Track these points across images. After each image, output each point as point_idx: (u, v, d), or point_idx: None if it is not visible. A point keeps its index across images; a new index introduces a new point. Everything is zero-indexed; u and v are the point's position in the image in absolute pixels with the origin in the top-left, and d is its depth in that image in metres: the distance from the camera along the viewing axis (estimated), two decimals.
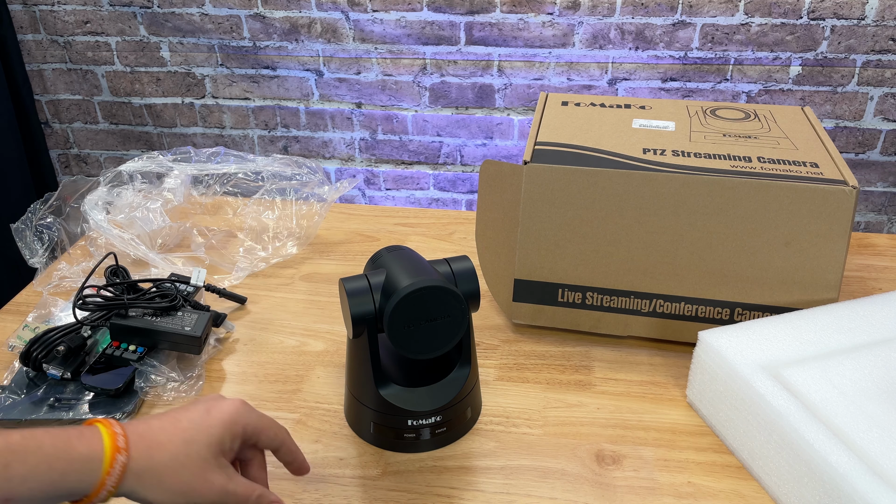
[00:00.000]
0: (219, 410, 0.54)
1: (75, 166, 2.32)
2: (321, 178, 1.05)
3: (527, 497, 0.66)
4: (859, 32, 1.79)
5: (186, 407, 0.55)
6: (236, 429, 0.55)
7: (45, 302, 0.90)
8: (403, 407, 0.69)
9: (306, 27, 1.96)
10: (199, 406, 0.55)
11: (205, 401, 0.56)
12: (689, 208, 0.78)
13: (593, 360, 0.83)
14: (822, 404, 0.63)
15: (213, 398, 0.56)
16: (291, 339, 0.87)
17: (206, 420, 0.53)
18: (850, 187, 0.75)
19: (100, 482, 0.47)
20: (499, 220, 0.86)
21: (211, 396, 0.57)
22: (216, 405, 0.55)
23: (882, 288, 0.95)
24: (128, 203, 1.00)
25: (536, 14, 1.86)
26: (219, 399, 0.56)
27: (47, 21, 2.06)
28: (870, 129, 1.91)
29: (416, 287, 0.63)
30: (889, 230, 2.05)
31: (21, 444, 0.45)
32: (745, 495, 0.66)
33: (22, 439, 0.45)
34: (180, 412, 0.54)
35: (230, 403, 0.56)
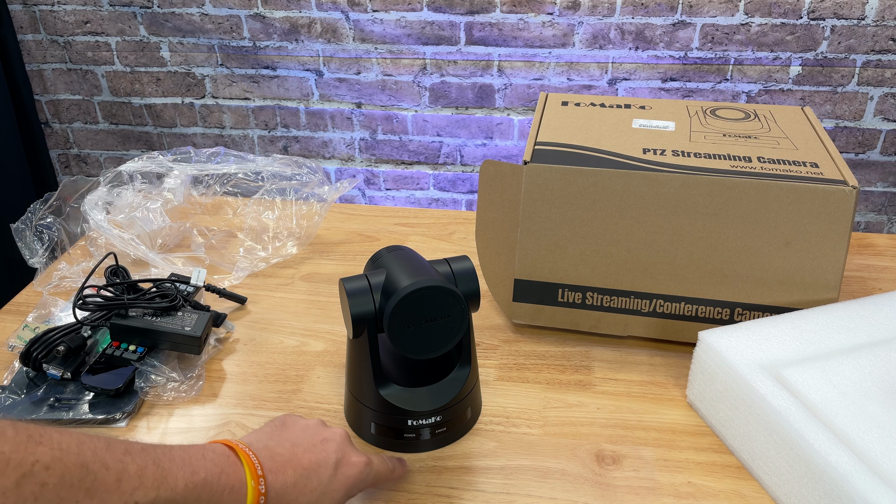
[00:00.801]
0: (345, 475, 0.56)
1: (75, 166, 2.32)
2: (321, 178, 1.05)
3: (527, 497, 0.66)
4: (859, 32, 1.79)
5: (318, 454, 0.56)
6: (354, 492, 0.58)
7: (45, 302, 0.90)
8: (403, 407, 0.69)
9: (306, 27, 1.96)
10: (329, 461, 0.56)
11: (335, 449, 0.57)
12: (689, 208, 0.78)
13: (593, 360, 0.83)
14: (822, 404, 0.63)
15: (343, 447, 0.58)
16: (291, 339, 0.87)
17: (332, 483, 0.55)
18: (850, 187, 0.75)
19: None
20: (499, 220, 0.86)
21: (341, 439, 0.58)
22: (345, 467, 0.57)
23: (882, 288, 0.95)
24: (128, 203, 1.00)
25: (536, 14, 1.86)
26: (348, 451, 0.58)
27: (47, 21, 2.06)
28: (870, 129, 1.91)
29: (416, 287, 0.63)
30: (889, 230, 2.05)
31: (183, 496, 0.46)
32: (745, 495, 0.66)
33: (185, 490, 0.47)
34: (311, 464, 0.55)
35: (356, 468, 0.57)
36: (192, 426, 0.74)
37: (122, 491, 0.43)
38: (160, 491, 0.45)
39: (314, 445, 0.56)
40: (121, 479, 0.43)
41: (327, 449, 0.57)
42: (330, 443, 0.57)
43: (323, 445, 0.57)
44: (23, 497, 0.40)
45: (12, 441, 0.40)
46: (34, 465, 0.40)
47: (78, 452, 0.43)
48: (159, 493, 0.45)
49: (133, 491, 0.44)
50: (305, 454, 0.55)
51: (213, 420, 0.75)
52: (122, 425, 0.74)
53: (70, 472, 0.42)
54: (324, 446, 0.57)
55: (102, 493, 0.42)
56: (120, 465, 0.44)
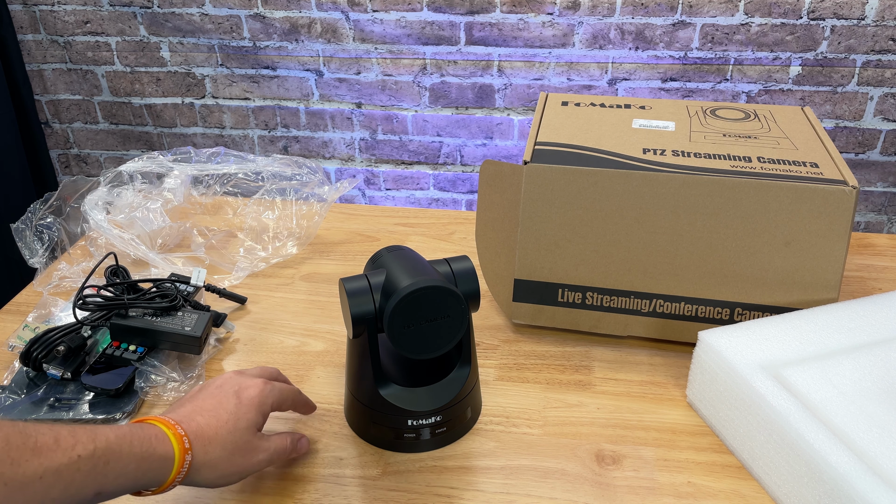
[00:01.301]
0: (248, 396, 0.63)
1: (75, 166, 2.32)
2: (321, 178, 1.05)
3: (527, 497, 0.66)
4: (859, 32, 1.79)
5: (217, 396, 0.62)
6: (265, 408, 0.64)
7: (45, 302, 0.90)
8: (403, 407, 0.69)
9: (306, 27, 1.96)
10: (227, 392, 0.63)
11: (230, 383, 0.64)
12: (689, 208, 0.78)
13: (593, 360, 0.83)
14: (822, 404, 0.63)
15: (236, 380, 0.64)
16: (291, 339, 0.87)
17: (240, 408, 0.62)
18: (850, 187, 0.75)
19: (171, 478, 0.56)
20: (499, 220, 0.86)
21: (232, 378, 0.65)
22: (244, 391, 0.63)
23: (882, 288, 0.95)
24: (128, 203, 1.00)
25: (536, 14, 1.86)
26: (242, 380, 0.65)
27: (47, 21, 2.06)
28: (870, 129, 1.91)
29: (416, 287, 0.63)
30: (889, 230, 2.05)
31: (117, 444, 0.52)
32: (745, 495, 0.66)
33: (116, 439, 0.52)
34: (214, 404, 0.61)
35: (255, 387, 0.64)
36: None
37: (62, 448, 0.49)
38: (97, 443, 0.51)
39: (211, 394, 0.63)
40: (58, 439, 0.49)
41: (223, 388, 0.63)
42: (223, 385, 0.64)
43: (218, 389, 0.63)
44: None
45: None
46: None
47: (12, 424, 0.49)
48: (96, 444, 0.51)
49: (72, 447, 0.49)
50: (206, 401, 0.62)
51: None
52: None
53: (13, 437, 0.47)
54: (219, 389, 0.63)
55: (46, 452, 0.48)
56: (53, 431, 0.50)
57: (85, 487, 0.50)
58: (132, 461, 0.53)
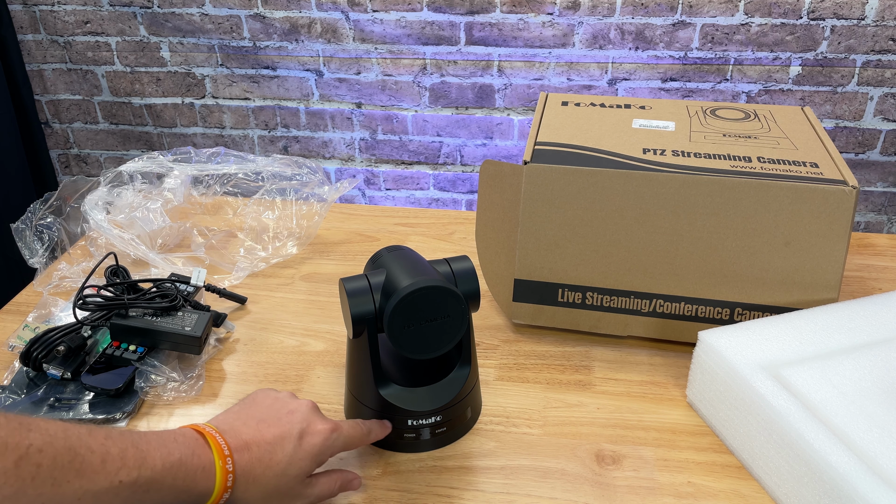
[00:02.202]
0: (310, 444, 0.59)
1: (75, 166, 2.32)
2: (321, 179, 1.05)
3: (527, 497, 0.66)
4: (859, 32, 1.79)
5: (282, 427, 0.58)
6: (322, 458, 0.60)
7: (45, 302, 0.90)
8: (403, 407, 0.69)
9: (306, 27, 1.96)
10: (293, 430, 0.58)
11: (300, 417, 0.60)
12: (689, 208, 0.78)
13: (593, 360, 0.83)
14: (822, 404, 0.63)
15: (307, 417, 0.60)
16: (291, 339, 0.87)
17: (297, 453, 0.58)
18: (850, 187, 0.75)
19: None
20: (499, 220, 0.86)
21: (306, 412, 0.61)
22: (308, 436, 0.59)
23: (882, 288, 0.95)
24: (128, 203, 1.00)
25: (536, 14, 1.86)
26: (311, 421, 0.60)
27: (47, 21, 2.06)
28: (870, 129, 1.91)
29: (416, 287, 0.63)
30: (889, 230, 2.05)
31: (161, 476, 0.50)
32: (745, 495, 0.66)
33: (163, 470, 0.50)
34: (275, 438, 0.57)
35: (320, 436, 0.60)
36: None
37: (107, 471, 0.47)
38: (141, 471, 0.49)
39: (279, 419, 0.59)
40: (105, 460, 0.47)
41: (292, 421, 0.59)
42: (295, 414, 0.60)
43: (288, 418, 0.59)
44: (21, 477, 0.44)
45: (6, 427, 0.44)
46: (28, 448, 0.44)
47: (65, 438, 0.47)
48: (140, 472, 0.49)
49: (117, 471, 0.48)
50: (269, 429, 0.58)
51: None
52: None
53: (60, 455, 0.46)
54: (289, 418, 0.59)
55: (90, 473, 0.46)
56: (103, 449, 0.48)
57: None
58: (171, 494, 0.51)
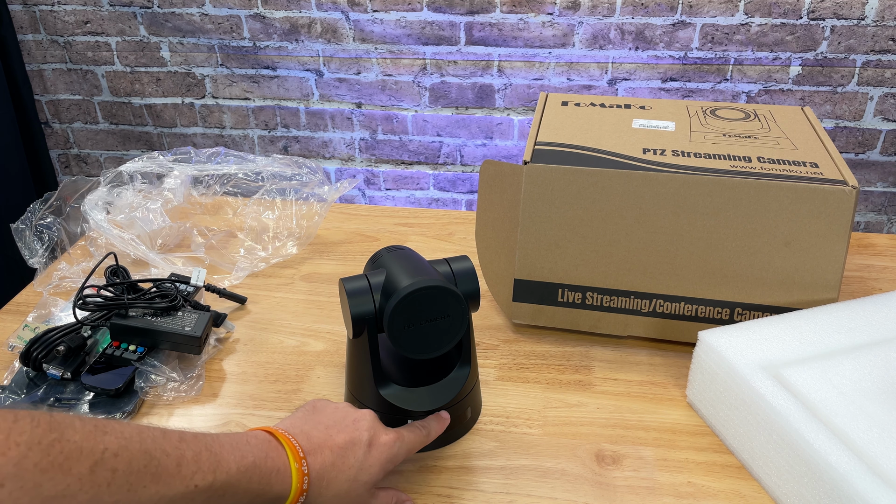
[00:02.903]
0: (378, 451, 0.59)
1: (75, 166, 2.32)
2: (321, 179, 1.05)
3: (527, 497, 0.66)
4: (859, 32, 1.79)
5: (351, 433, 0.58)
6: (390, 466, 0.61)
7: (45, 302, 0.90)
8: (403, 407, 0.69)
9: (306, 27, 1.96)
10: (362, 436, 0.59)
11: (366, 425, 0.60)
12: (689, 208, 0.78)
13: (593, 360, 0.83)
14: (822, 404, 0.63)
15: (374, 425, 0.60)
16: (291, 339, 0.87)
17: (367, 460, 0.58)
18: (850, 187, 0.75)
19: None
20: (499, 220, 0.86)
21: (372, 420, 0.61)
22: (377, 443, 0.59)
23: (882, 288, 0.95)
24: (128, 203, 1.00)
25: (536, 14, 1.86)
26: (379, 429, 0.60)
27: (47, 21, 2.06)
28: (870, 129, 1.91)
29: (416, 287, 0.63)
30: (889, 230, 2.05)
31: (237, 479, 0.50)
32: (745, 495, 0.66)
33: (238, 473, 0.50)
34: (345, 443, 0.58)
35: (387, 444, 0.60)
36: (192, 426, 0.74)
37: (182, 476, 0.46)
38: (216, 474, 0.48)
39: (347, 426, 0.59)
40: (180, 464, 0.47)
41: (359, 428, 0.59)
42: (361, 422, 0.60)
43: (355, 425, 0.59)
44: (97, 483, 0.42)
45: (81, 431, 0.43)
46: (104, 452, 0.43)
47: (140, 441, 0.45)
48: (216, 476, 0.48)
49: (192, 475, 0.47)
50: (339, 434, 0.58)
51: (214, 420, 0.75)
52: None
53: (136, 459, 0.44)
54: (356, 426, 0.59)
55: (166, 478, 0.45)
56: (178, 452, 0.47)
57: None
58: (246, 497, 0.51)
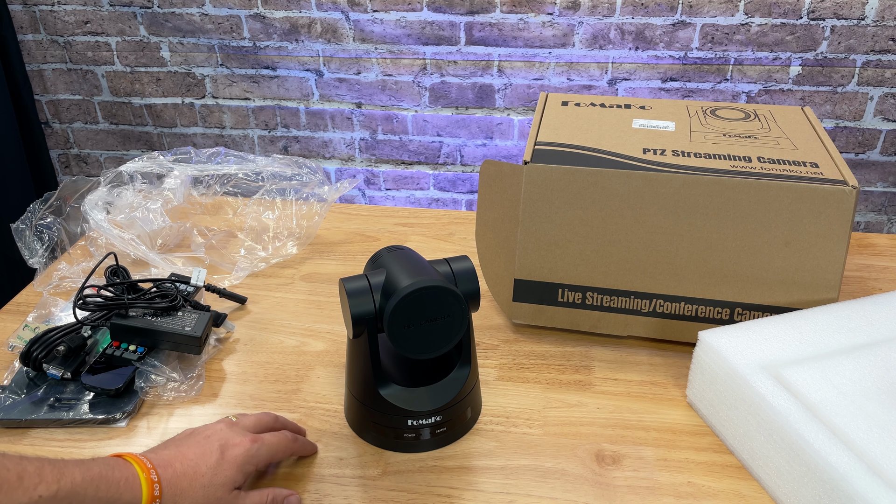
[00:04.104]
0: (232, 455, 0.61)
1: (75, 166, 2.32)
2: (321, 179, 1.05)
3: (527, 497, 0.66)
4: (859, 32, 1.79)
5: (202, 446, 0.60)
6: (248, 468, 0.62)
7: (45, 302, 0.90)
8: (403, 407, 0.69)
9: (306, 27, 1.96)
10: (213, 446, 0.61)
11: (218, 436, 0.62)
12: (689, 208, 0.78)
13: (593, 360, 0.83)
14: (822, 404, 0.63)
15: (225, 434, 0.62)
16: (291, 339, 0.87)
17: (221, 465, 0.60)
18: (850, 187, 0.75)
19: None
20: (499, 220, 0.86)
21: (222, 430, 0.63)
22: (229, 449, 0.61)
23: (882, 288, 0.95)
24: (128, 203, 1.00)
25: (536, 14, 1.86)
26: (230, 436, 0.62)
27: (47, 21, 2.06)
28: (870, 129, 1.91)
29: (416, 287, 0.63)
30: (889, 230, 2.05)
31: (82, 487, 0.50)
32: (745, 495, 0.66)
33: (83, 482, 0.51)
34: (196, 454, 0.59)
35: (241, 447, 0.62)
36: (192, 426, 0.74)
37: (25, 487, 0.48)
38: (61, 483, 0.49)
39: (197, 442, 0.61)
40: (21, 477, 0.48)
41: (210, 438, 0.62)
42: (211, 434, 0.62)
43: (206, 440, 0.61)
44: None
45: None
46: None
47: None
48: (60, 485, 0.49)
49: (35, 486, 0.48)
50: (190, 450, 0.60)
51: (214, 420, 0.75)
52: (122, 425, 0.74)
53: None
54: (206, 440, 0.61)
55: (7, 489, 0.47)
56: (19, 467, 0.48)
57: None
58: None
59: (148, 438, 0.73)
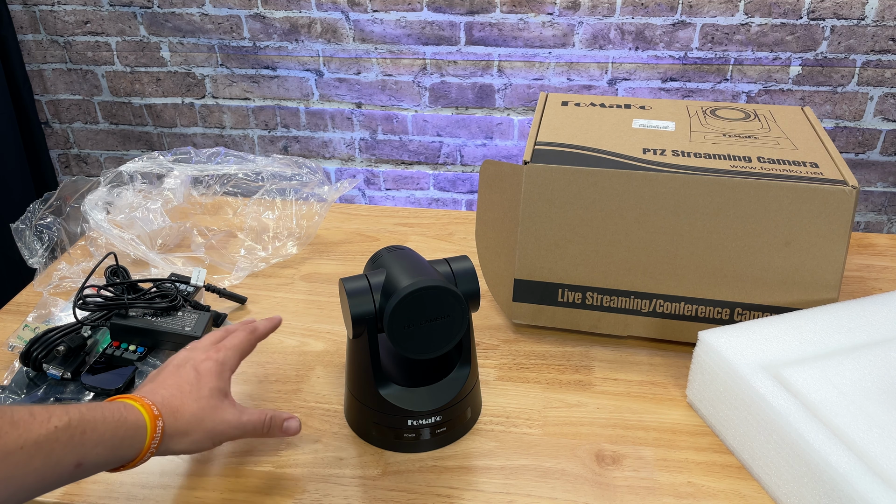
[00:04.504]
0: (206, 368, 0.64)
1: (75, 166, 2.32)
2: (321, 179, 1.05)
3: (527, 497, 0.66)
4: (859, 32, 1.79)
5: (175, 374, 0.64)
6: (225, 374, 0.65)
7: (45, 302, 0.90)
8: (403, 407, 0.69)
9: (306, 27, 1.96)
10: (186, 369, 0.64)
11: (186, 362, 0.65)
12: (689, 208, 0.78)
13: (593, 360, 0.83)
14: (822, 404, 0.63)
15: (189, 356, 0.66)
16: (291, 339, 0.87)
17: (200, 379, 0.63)
18: (850, 187, 0.75)
19: (146, 444, 0.56)
20: (499, 220, 0.86)
21: (186, 355, 0.66)
22: (201, 364, 0.65)
23: (882, 288, 0.95)
24: (128, 203, 1.00)
25: (536, 14, 1.86)
26: (195, 355, 0.66)
27: (47, 21, 2.06)
28: (870, 129, 1.91)
29: (416, 287, 0.63)
30: (889, 230, 2.05)
31: (90, 415, 0.53)
32: (745, 495, 0.66)
33: (88, 411, 0.53)
34: (175, 379, 0.63)
35: (210, 359, 0.65)
36: None
37: (38, 421, 0.50)
38: (70, 414, 0.52)
39: (170, 373, 0.64)
40: (32, 413, 0.51)
41: (180, 366, 0.65)
42: (180, 364, 0.65)
43: (176, 368, 0.65)
44: None
45: None
46: None
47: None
48: (70, 416, 0.52)
49: (48, 419, 0.51)
50: (167, 379, 0.63)
51: None
52: None
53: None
54: (177, 368, 0.65)
55: (23, 424, 0.49)
56: (26, 408, 0.51)
57: (65, 457, 0.51)
58: (107, 429, 0.54)
59: None
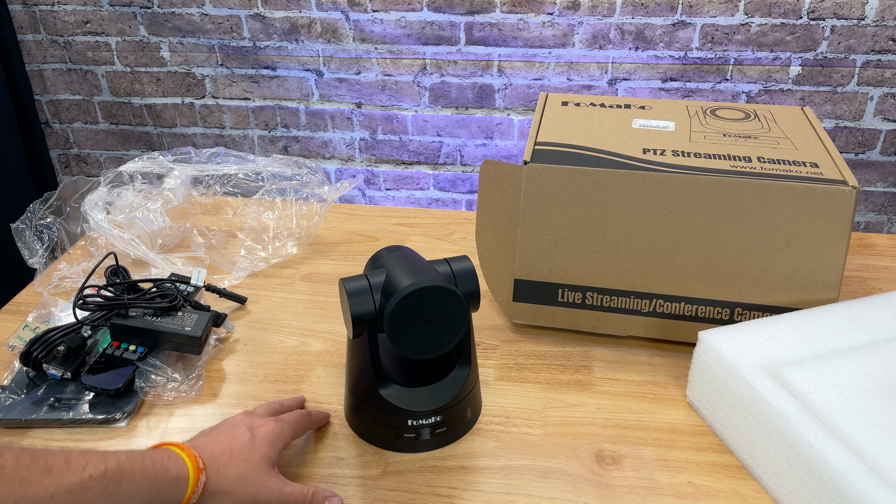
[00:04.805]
0: (262, 434, 0.64)
1: (75, 166, 2.32)
2: (321, 179, 1.05)
3: (527, 497, 0.66)
4: (859, 32, 1.79)
5: (230, 432, 0.63)
6: (278, 444, 0.65)
7: (45, 302, 0.90)
8: (403, 407, 0.69)
9: (306, 27, 1.96)
10: (241, 429, 0.64)
11: (243, 422, 0.65)
12: (689, 208, 0.78)
13: (593, 360, 0.83)
14: (822, 404, 0.63)
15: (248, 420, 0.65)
16: (291, 339, 0.87)
17: (254, 442, 0.62)
18: (850, 187, 0.75)
19: (185, 498, 0.55)
20: (499, 220, 0.86)
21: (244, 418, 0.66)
22: (257, 429, 0.64)
23: (882, 288, 0.95)
24: (128, 203, 1.00)
25: (536, 14, 1.86)
26: (254, 420, 0.66)
27: (47, 21, 2.06)
28: (870, 129, 1.91)
29: (416, 287, 0.63)
30: (889, 230, 2.05)
31: (129, 465, 0.52)
32: (745, 495, 0.66)
33: (128, 460, 0.52)
34: (228, 437, 0.62)
35: (267, 426, 0.65)
36: (192, 426, 0.74)
37: (73, 469, 0.49)
38: (108, 463, 0.51)
39: (224, 430, 0.64)
40: (69, 460, 0.50)
41: (235, 425, 0.65)
42: (236, 423, 0.65)
43: (232, 427, 0.64)
44: None
45: None
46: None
47: (21, 449, 0.49)
48: (107, 464, 0.51)
49: (84, 467, 0.50)
50: (220, 435, 0.63)
51: (214, 420, 0.75)
52: (122, 425, 0.74)
53: (21, 457, 0.48)
54: (232, 427, 0.64)
55: (57, 471, 0.48)
56: (64, 454, 0.50)
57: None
58: (145, 481, 0.53)
59: (148, 439, 0.73)
